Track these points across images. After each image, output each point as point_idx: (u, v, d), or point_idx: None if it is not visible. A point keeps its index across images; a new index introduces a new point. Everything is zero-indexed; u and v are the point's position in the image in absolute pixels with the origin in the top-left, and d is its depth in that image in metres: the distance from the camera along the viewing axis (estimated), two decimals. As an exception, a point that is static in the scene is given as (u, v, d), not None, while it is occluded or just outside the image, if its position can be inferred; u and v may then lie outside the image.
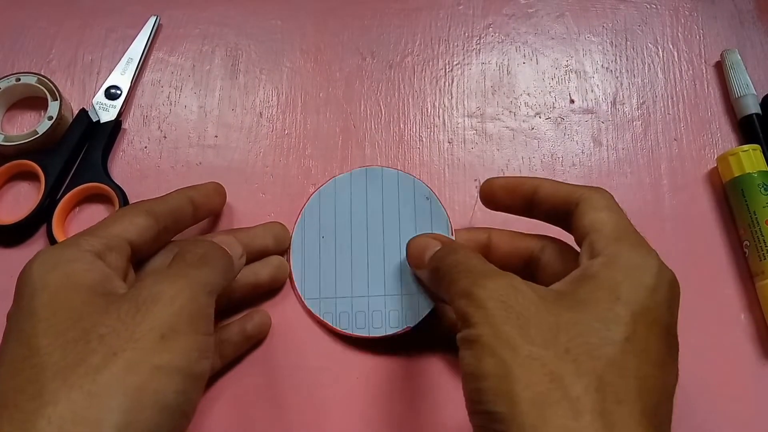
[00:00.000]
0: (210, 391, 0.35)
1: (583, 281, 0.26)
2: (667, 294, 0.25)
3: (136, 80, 0.44)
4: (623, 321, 0.24)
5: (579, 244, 0.29)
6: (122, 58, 0.44)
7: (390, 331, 0.35)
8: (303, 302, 0.37)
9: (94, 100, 0.42)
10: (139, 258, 0.31)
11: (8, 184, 0.41)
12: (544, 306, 0.24)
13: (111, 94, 0.43)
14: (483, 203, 0.35)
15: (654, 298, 0.25)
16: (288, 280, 0.38)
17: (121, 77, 0.43)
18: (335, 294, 0.36)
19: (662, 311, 0.25)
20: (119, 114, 0.43)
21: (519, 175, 0.40)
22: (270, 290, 0.37)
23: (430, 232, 0.36)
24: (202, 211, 0.36)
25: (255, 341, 0.36)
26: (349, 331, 0.36)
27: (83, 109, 0.42)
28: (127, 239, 0.29)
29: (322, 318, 0.36)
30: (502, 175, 0.39)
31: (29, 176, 0.41)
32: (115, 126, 0.42)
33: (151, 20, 0.45)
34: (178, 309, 0.24)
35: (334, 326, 0.36)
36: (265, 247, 0.37)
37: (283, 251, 0.38)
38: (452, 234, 0.37)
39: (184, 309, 0.25)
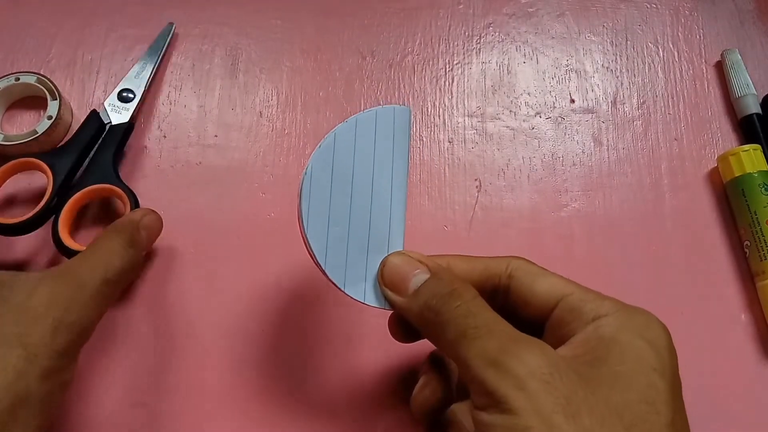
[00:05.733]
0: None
1: (603, 346, 0.23)
2: (674, 348, 0.24)
3: (149, 86, 0.44)
4: (664, 397, 0.22)
5: (539, 313, 0.26)
6: (137, 64, 0.44)
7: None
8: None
9: (106, 102, 0.42)
10: None
11: (14, 182, 0.40)
12: (585, 384, 0.21)
13: (124, 97, 0.42)
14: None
15: (674, 358, 0.24)
16: None
17: (134, 81, 0.43)
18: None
19: (676, 367, 0.24)
20: (132, 117, 0.42)
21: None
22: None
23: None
24: None
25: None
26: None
27: (94, 110, 0.41)
28: None
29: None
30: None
31: (36, 175, 0.40)
32: (128, 128, 0.41)
33: (168, 27, 0.45)
34: None
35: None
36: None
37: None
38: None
39: None
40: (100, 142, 0.40)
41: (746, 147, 0.40)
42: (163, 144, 0.43)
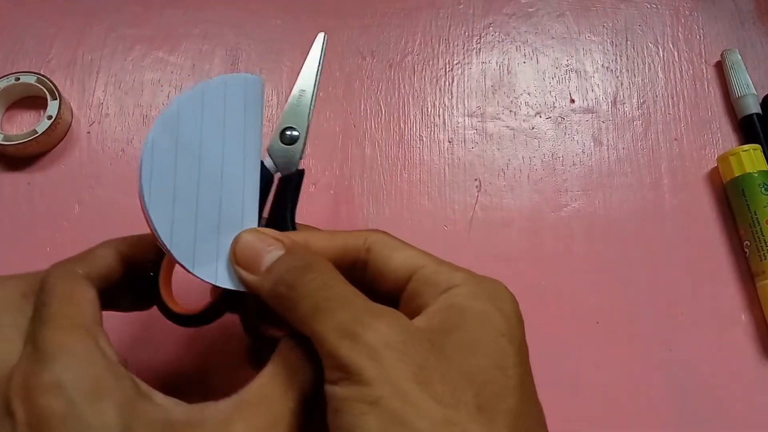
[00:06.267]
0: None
1: (455, 315, 0.23)
2: (521, 316, 0.25)
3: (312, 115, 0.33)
4: (513, 361, 0.22)
5: (394, 288, 0.25)
6: (292, 92, 0.33)
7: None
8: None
9: (269, 147, 0.32)
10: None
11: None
12: (438, 351, 0.22)
13: (288, 137, 0.32)
14: None
15: (521, 325, 0.24)
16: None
17: (294, 115, 0.33)
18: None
19: (523, 333, 0.24)
20: (299, 157, 0.32)
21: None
22: None
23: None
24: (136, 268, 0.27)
25: None
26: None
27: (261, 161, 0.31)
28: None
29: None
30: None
31: None
32: (300, 177, 0.31)
33: (319, 39, 0.34)
34: None
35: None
36: None
37: None
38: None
39: None
40: (272, 198, 0.31)
41: (746, 147, 0.40)
42: (163, 144, 0.43)
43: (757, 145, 0.41)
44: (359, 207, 0.41)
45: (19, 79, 0.42)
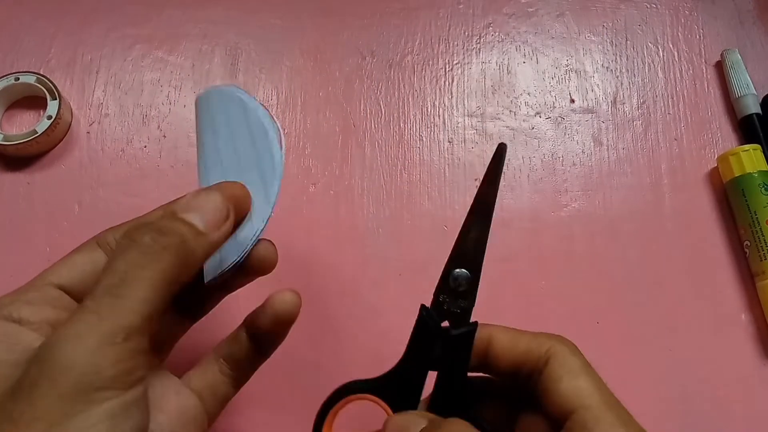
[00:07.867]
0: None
1: None
2: None
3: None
4: None
5: (557, 415, 0.24)
6: (464, 223, 0.29)
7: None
8: None
9: (436, 294, 0.27)
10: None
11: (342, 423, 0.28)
12: None
13: (457, 281, 0.27)
14: None
15: None
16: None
17: (465, 253, 0.28)
18: None
19: None
20: (472, 307, 0.27)
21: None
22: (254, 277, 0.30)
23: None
24: None
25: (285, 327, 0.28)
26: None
27: (424, 306, 0.27)
28: (52, 283, 0.24)
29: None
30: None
31: (370, 409, 0.27)
32: (472, 333, 0.26)
33: (499, 152, 0.30)
34: (77, 377, 0.19)
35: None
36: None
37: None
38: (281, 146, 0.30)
39: (86, 375, 0.19)
40: (440, 356, 0.26)
41: (746, 147, 0.40)
42: (163, 144, 0.43)
43: (757, 145, 0.41)
44: (359, 207, 0.41)
45: (18, 79, 0.42)
